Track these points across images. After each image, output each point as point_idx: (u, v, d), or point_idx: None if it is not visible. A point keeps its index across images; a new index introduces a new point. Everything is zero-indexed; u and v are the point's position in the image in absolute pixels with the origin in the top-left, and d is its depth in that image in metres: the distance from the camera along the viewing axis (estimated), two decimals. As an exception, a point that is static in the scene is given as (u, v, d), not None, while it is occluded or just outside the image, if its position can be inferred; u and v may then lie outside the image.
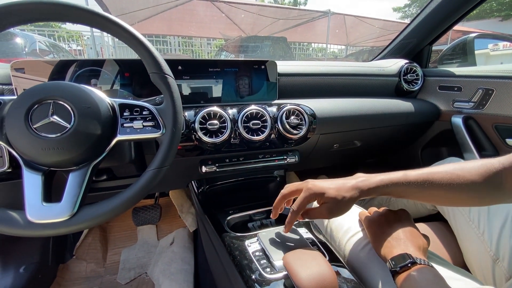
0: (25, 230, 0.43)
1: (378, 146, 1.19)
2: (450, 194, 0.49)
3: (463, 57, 1.21)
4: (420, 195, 0.52)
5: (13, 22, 0.45)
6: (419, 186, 0.50)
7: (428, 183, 0.50)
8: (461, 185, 0.48)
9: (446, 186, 0.49)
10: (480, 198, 0.49)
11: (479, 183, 0.48)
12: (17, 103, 0.45)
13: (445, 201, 0.53)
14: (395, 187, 0.51)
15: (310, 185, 0.54)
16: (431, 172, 0.51)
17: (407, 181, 0.51)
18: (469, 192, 0.49)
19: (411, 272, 0.45)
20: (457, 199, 0.51)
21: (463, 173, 0.49)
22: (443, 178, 0.49)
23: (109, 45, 6.81)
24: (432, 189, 0.50)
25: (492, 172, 0.47)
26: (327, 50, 8.57)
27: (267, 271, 0.55)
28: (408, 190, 0.51)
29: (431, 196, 0.51)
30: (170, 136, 0.51)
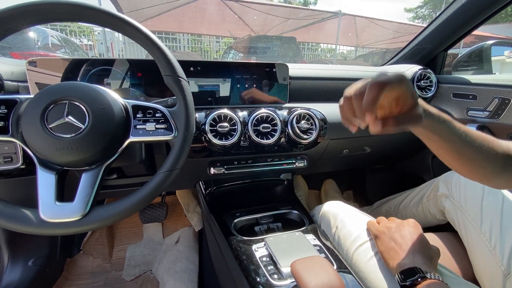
0: (38, 229, 0.44)
1: (389, 152, 1.17)
2: (476, 154, 0.48)
3: (479, 64, 1.18)
4: (454, 145, 0.48)
5: (29, 22, 0.46)
6: (460, 135, 0.47)
7: (466, 135, 0.47)
8: (490, 151, 0.47)
9: (479, 146, 0.47)
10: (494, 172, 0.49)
11: (502, 155, 0.47)
12: (33, 102, 0.45)
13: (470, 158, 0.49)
14: (445, 125, 0.46)
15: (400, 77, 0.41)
16: (470, 129, 0.48)
17: (454, 126, 0.47)
18: (491, 161, 0.48)
19: (421, 287, 0.44)
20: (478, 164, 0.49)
21: (496, 142, 0.48)
22: (478, 137, 0.47)
23: (119, 41, 6.88)
24: (466, 144, 0.47)
25: None
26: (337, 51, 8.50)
27: (274, 277, 0.55)
28: (450, 134, 0.47)
29: (461, 149, 0.48)
30: (182, 139, 0.51)
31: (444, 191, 0.79)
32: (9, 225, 0.43)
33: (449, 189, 0.77)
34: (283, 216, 0.81)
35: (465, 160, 0.50)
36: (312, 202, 1.44)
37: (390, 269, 0.52)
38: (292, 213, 0.82)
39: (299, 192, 1.34)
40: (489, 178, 0.51)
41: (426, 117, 0.43)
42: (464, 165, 0.51)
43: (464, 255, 0.72)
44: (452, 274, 0.58)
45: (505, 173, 0.48)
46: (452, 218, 0.76)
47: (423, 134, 0.47)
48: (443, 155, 0.51)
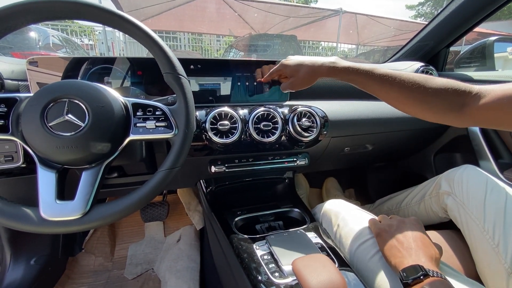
0: (39, 227, 0.44)
1: (390, 150, 1.17)
2: (409, 94, 0.51)
3: (481, 60, 1.17)
4: (382, 91, 0.55)
5: (29, 20, 0.46)
6: (384, 81, 0.53)
7: (392, 80, 0.52)
8: (424, 88, 0.50)
9: (409, 86, 0.51)
10: (435, 106, 0.50)
11: (442, 91, 0.49)
12: (33, 100, 0.45)
13: (401, 99, 0.54)
14: (361, 75, 0.56)
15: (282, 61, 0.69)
16: (399, 73, 0.53)
17: (373, 73, 0.54)
18: (428, 97, 0.50)
19: (424, 285, 0.43)
20: (412, 105, 0.52)
21: (431, 79, 0.50)
22: (407, 79, 0.51)
23: (120, 41, 6.87)
24: (393, 87, 0.52)
25: (460, 88, 0.48)
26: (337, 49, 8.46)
27: (275, 275, 0.55)
28: (372, 82, 0.55)
29: (390, 94, 0.54)
30: (182, 137, 0.51)
31: (446, 189, 0.78)
32: (9, 224, 0.43)
33: (451, 186, 0.77)
34: (284, 214, 0.81)
35: (401, 101, 0.54)
36: (313, 201, 1.43)
37: (392, 267, 0.52)
38: (293, 212, 0.82)
39: (300, 190, 1.34)
40: (441, 118, 0.52)
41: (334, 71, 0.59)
42: (406, 105, 0.54)
43: (466, 253, 0.72)
44: (454, 272, 0.57)
45: (453, 113, 0.49)
46: (454, 215, 0.75)
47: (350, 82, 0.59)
48: (384, 100, 0.58)
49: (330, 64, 0.60)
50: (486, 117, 0.47)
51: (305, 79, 0.64)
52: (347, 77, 0.58)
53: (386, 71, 0.54)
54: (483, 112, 0.46)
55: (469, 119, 0.49)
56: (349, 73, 0.57)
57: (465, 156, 1.08)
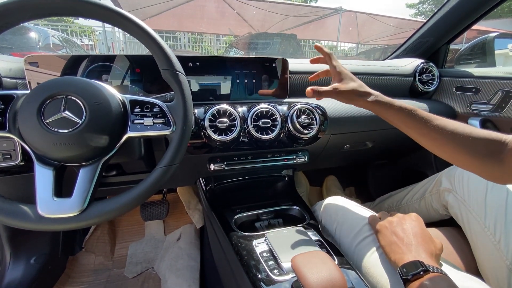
0: (36, 224, 0.44)
1: (390, 147, 1.16)
2: (448, 141, 0.51)
3: (482, 57, 1.16)
4: (420, 131, 0.55)
5: (26, 16, 0.46)
6: (423, 121, 0.54)
7: (433, 124, 0.53)
8: (463, 138, 0.50)
9: (448, 133, 0.51)
10: (475, 158, 0.50)
11: (480, 142, 0.49)
12: (30, 97, 0.45)
13: (440, 147, 0.54)
14: (403, 113, 0.56)
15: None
16: (440, 117, 0.54)
17: (415, 113, 0.55)
18: (467, 148, 0.50)
19: (424, 280, 0.43)
20: (452, 150, 0.52)
21: (469, 129, 0.51)
22: (448, 124, 0.52)
23: (120, 41, 6.88)
24: (433, 131, 0.53)
25: (497, 139, 0.48)
26: (338, 48, 8.44)
27: (274, 272, 0.54)
28: (412, 121, 0.55)
29: (430, 136, 0.54)
30: (180, 133, 0.51)
31: (447, 186, 0.78)
32: (7, 221, 0.43)
33: (452, 183, 0.76)
34: (284, 212, 0.81)
35: (439, 145, 0.54)
36: (313, 199, 1.43)
37: (391, 263, 0.51)
38: (293, 209, 0.81)
39: (300, 188, 1.34)
40: (476, 165, 0.51)
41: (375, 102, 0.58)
42: (440, 150, 0.55)
43: (467, 250, 0.72)
44: (455, 268, 0.57)
45: (493, 161, 0.48)
46: (455, 212, 0.75)
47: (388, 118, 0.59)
48: (418, 140, 0.58)
49: (375, 95, 0.59)
50: None
51: (352, 95, 0.60)
52: (389, 111, 0.58)
53: (427, 114, 0.54)
54: None
55: (505, 169, 0.47)
56: (392, 108, 0.57)
57: (465, 153, 1.07)
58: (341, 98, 0.61)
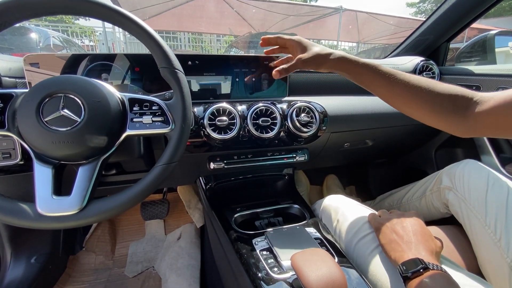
0: (35, 223, 0.44)
1: (391, 145, 1.16)
2: (412, 96, 0.52)
3: (482, 55, 1.16)
4: (384, 87, 0.55)
5: (25, 15, 0.46)
6: (388, 78, 0.54)
7: (396, 78, 0.53)
8: (427, 92, 0.50)
9: (412, 87, 0.51)
10: (440, 113, 0.50)
11: (445, 97, 0.49)
12: (28, 96, 0.45)
13: (404, 102, 0.55)
14: (366, 69, 0.56)
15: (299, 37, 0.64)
16: (404, 73, 0.54)
17: (378, 69, 0.55)
18: (431, 103, 0.50)
19: (424, 278, 0.43)
20: (416, 105, 0.52)
21: (433, 84, 0.51)
22: (412, 79, 0.52)
23: (120, 41, 6.88)
24: (396, 86, 0.53)
25: (462, 94, 0.48)
26: (338, 47, 8.43)
27: (274, 270, 0.54)
28: (376, 78, 0.55)
29: (393, 92, 0.54)
30: (179, 131, 0.51)
31: (448, 184, 0.77)
32: (5, 219, 0.43)
33: (452, 181, 0.76)
34: (284, 210, 0.81)
35: (405, 102, 0.54)
36: (314, 198, 1.43)
37: (391, 261, 0.51)
38: (293, 208, 0.81)
39: (301, 187, 1.34)
40: (440, 122, 0.52)
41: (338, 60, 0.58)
42: (405, 106, 0.55)
43: (468, 248, 0.71)
44: (455, 265, 0.57)
45: (458, 117, 0.49)
46: (456, 210, 0.75)
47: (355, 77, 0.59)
48: (384, 97, 0.58)
49: (340, 53, 0.59)
50: (486, 123, 0.46)
51: (318, 58, 0.60)
52: (355, 69, 0.58)
53: (391, 69, 0.55)
54: (485, 117, 0.46)
55: (471, 124, 0.48)
56: (357, 65, 0.57)
57: (466, 151, 1.07)
58: (308, 66, 0.60)
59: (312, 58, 0.59)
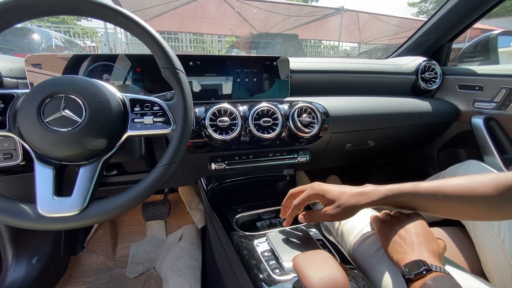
0: (36, 224, 0.44)
1: (393, 146, 1.15)
2: (461, 206, 0.48)
3: (485, 55, 1.15)
4: (430, 207, 0.51)
5: (26, 15, 0.45)
6: (430, 197, 0.50)
7: (439, 195, 0.49)
8: (474, 197, 0.47)
9: (458, 198, 0.48)
10: (493, 211, 0.48)
11: (493, 196, 0.46)
12: (29, 96, 0.45)
13: (456, 214, 0.52)
14: (404, 197, 0.51)
15: (315, 184, 0.58)
16: (443, 184, 0.50)
17: (417, 192, 0.50)
18: (482, 206, 0.47)
19: (427, 280, 0.42)
20: (469, 212, 0.50)
21: (476, 185, 0.48)
22: (454, 190, 0.48)
23: (122, 42, 6.90)
24: (443, 201, 0.49)
25: (507, 185, 0.46)
26: (339, 48, 8.43)
27: (276, 272, 0.54)
28: (417, 201, 0.51)
29: (442, 208, 0.51)
30: (180, 132, 0.51)
31: None
32: (6, 220, 0.43)
33: None
34: (286, 211, 0.80)
35: (456, 212, 0.51)
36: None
37: (394, 263, 0.51)
38: None
39: (302, 188, 1.33)
40: (495, 216, 0.50)
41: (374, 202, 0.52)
42: (459, 215, 0.52)
43: (471, 249, 0.71)
44: (458, 267, 0.56)
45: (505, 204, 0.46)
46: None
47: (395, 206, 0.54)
48: (433, 214, 0.54)
49: (371, 193, 0.53)
50: None
51: (349, 210, 0.53)
52: (391, 200, 0.52)
53: (428, 185, 0.50)
54: None
55: None
56: (391, 197, 0.52)
57: (469, 152, 1.06)
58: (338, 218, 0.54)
59: (341, 213, 0.53)
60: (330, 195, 0.54)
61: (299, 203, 0.58)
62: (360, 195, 0.53)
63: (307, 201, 0.57)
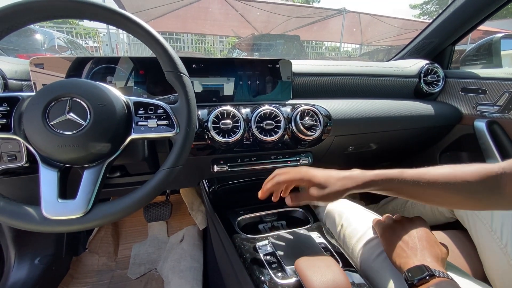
0: (40, 226, 0.44)
1: (395, 149, 1.15)
2: (445, 193, 0.49)
3: (488, 58, 1.15)
4: (415, 193, 0.52)
5: (31, 19, 0.46)
6: (414, 184, 0.50)
7: (424, 182, 0.50)
8: (457, 185, 0.48)
9: (442, 185, 0.48)
10: (476, 200, 0.48)
11: (476, 184, 0.47)
12: (35, 99, 0.45)
13: (440, 200, 0.52)
14: (390, 183, 0.52)
15: (301, 169, 0.58)
16: (428, 171, 0.51)
17: (403, 178, 0.51)
18: (465, 193, 0.48)
19: (430, 286, 0.42)
20: (453, 200, 0.50)
21: (460, 173, 0.48)
22: (438, 177, 0.49)
23: (124, 42, 6.93)
24: (427, 188, 0.50)
25: (490, 175, 0.46)
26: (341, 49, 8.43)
27: (278, 275, 0.54)
28: (403, 187, 0.52)
29: (425, 195, 0.51)
30: (184, 135, 0.51)
31: None
32: (11, 222, 0.43)
33: None
34: (288, 214, 0.80)
35: (440, 199, 0.51)
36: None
37: (396, 267, 0.51)
38: (296, 211, 0.81)
39: (304, 190, 1.33)
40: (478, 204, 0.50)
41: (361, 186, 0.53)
42: (443, 202, 0.53)
43: (474, 254, 0.71)
44: (461, 272, 0.56)
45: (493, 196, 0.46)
46: (461, 215, 0.74)
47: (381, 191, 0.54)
48: (418, 201, 0.55)
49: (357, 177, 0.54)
50: None
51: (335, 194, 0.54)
52: (378, 185, 0.53)
53: (414, 171, 0.52)
54: None
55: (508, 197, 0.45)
56: (378, 182, 0.53)
57: (471, 155, 1.06)
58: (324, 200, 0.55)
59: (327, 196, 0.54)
60: (317, 179, 0.55)
61: (283, 182, 0.58)
62: (346, 179, 0.54)
63: (292, 183, 0.58)
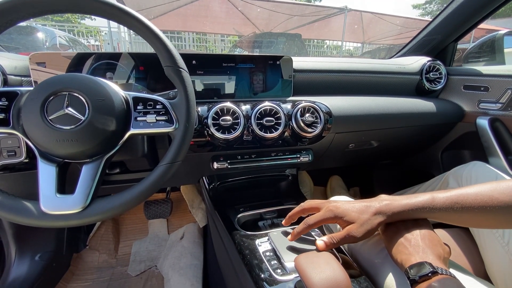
0: (39, 221, 0.44)
1: (396, 147, 1.15)
2: (482, 217, 0.46)
3: (491, 55, 1.14)
4: (449, 219, 0.49)
5: (31, 13, 0.46)
6: (448, 210, 0.48)
7: (458, 207, 0.47)
8: (495, 207, 0.45)
9: (478, 209, 0.46)
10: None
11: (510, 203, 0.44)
12: (33, 94, 0.45)
13: (477, 224, 0.50)
14: (421, 212, 0.49)
15: (331, 206, 0.54)
16: (462, 194, 0.48)
17: (434, 206, 0.49)
18: (504, 216, 0.45)
19: (432, 282, 0.42)
20: (491, 222, 0.48)
21: (497, 194, 0.46)
22: (474, 201, 0.46)
23: (125, 41, 6.93)
24: (462, 213, 0.47)
25: None
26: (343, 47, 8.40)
27: (277, 272, 0.54)
28: (435, 215, 0.49)
29: (461, 219, 0.49)
30: (183, 131, 0.50)
31: (454, 186, 0.76)
32: (9, 217, 0.43)
33: (459, 183, 0.75)
34: (288, 211, 0.79)
35: (476, 222, 0.49)
36: (318, 199, 1.41)
37: (398, 264, 0.50)
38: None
39: (304, 188, 1.33)
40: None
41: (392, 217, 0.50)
42: (480, 225, 0.50)
43: (475, 252, 0.70)
44: (463, 270, 0.55)
45: None
46: (463, 213, 0.73)
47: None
48: (460, 224, 0.51)
49: (388, 209, 0.51)
50: None
51: (372, 230, 0.51)
52: (409, 215, 0.51)
53: (446, 196, 0.48)
54: None
55: None
56: (408, 212, 0.50)
57: (473, 153, 1.05)
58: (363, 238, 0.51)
59: (366, 234, 0.50)
60: (349, 217, 0.51)
61: (314, 224, 0.54)
62: (377, 213, 0.51)
63: (322, 223, 0.54)
